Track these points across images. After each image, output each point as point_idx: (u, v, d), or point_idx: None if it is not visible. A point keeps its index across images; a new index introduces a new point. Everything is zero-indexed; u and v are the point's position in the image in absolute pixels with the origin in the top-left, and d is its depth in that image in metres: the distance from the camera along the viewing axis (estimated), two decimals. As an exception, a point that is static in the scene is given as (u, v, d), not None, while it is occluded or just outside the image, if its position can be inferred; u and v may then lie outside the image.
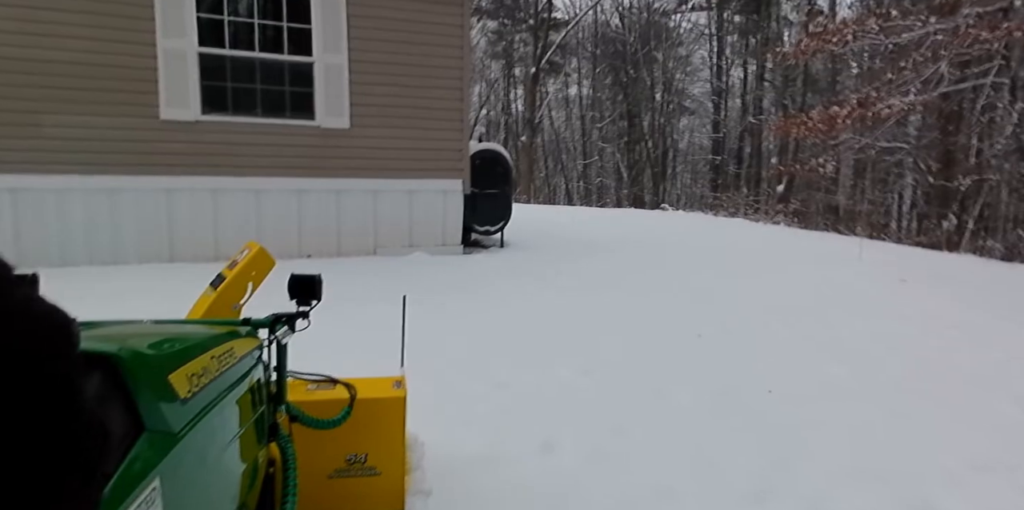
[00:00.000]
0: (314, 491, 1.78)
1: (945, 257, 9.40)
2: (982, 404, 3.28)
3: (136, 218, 6.58)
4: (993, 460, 2.64)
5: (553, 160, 36.63)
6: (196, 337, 1.27)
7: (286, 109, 7.07)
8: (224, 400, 1.21)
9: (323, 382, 1.91)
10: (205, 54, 6.64)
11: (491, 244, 9.01)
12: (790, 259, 8.42)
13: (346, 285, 5.16)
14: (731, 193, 22.75)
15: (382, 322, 2.92)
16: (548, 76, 33.63)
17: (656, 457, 2.58)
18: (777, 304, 5.54)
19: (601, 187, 34.86)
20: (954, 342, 4.47)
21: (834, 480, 2.43)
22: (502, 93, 35.87)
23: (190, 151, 6.70)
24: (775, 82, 27.63)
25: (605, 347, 4.10)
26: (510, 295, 5.60)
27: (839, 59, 19.21)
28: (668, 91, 31.91)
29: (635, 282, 6.45)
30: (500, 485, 2.31)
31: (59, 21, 6.13)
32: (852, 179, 19.36)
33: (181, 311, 1.84)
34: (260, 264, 1.87)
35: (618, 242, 9.75)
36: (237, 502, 1.30)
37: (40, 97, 6.17)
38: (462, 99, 7.85)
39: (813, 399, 3.28)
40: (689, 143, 35.03)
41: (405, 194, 7.66)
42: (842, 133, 13.11)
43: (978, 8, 10.17)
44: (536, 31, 31.38)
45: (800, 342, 4.37)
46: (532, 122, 31.89)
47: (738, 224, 14.81)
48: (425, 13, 7.44)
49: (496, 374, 3.50)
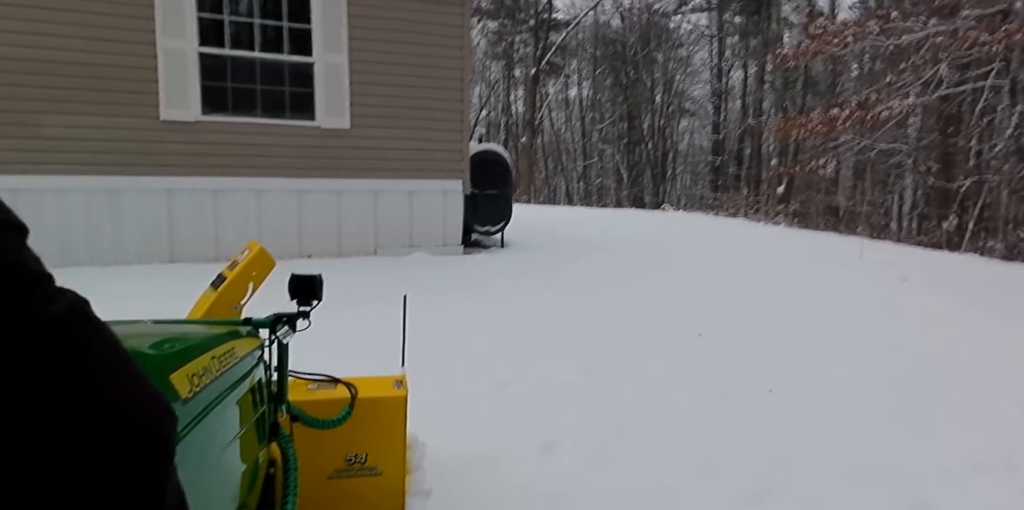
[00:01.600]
0: (314, 491, 1.77)
1: (946, 257, 9.40)
2: (982, 404, 3.28)
3: (136, 218, 6.58)
4: (993, 460, 2.64)
5: (553, 161, 36.65)
6: (197, 337, 1.27)
7: (286, 109, 7.07)
8: (225, 400, 1.21)
9: (324, 382, 1.91)
10: (205, 54, 6.64)
11: (491, 244, 9.01)
12: (790, 259, 8.42)
13: (346, 285, 5.16)
14: (731, 194, 22.76)
15: (382, 322, 2.92)
16: (548, 77, 33.68)
17: (656, 457, 2.58)
18: (778, 304, 5.54)
19: (601, 188, 34.88)
20: (954, 342, 4.46)
21: (834, 480, 2.43)
22: (502, 94, 35.92)
23: (190, 151, 6.70)
24: (775, 84, 27.67)
25: (605, 347, 4.10)
26: (511, 295, 5.60)
27: (839, 61, 19.23)
28: (668, 92, 31.95)
29: (635, 282, 6.46)
30: (500, 485, 2.30)
31: (59, 21, 6.13)
32: (852, 180, 19.38)
33: (181, 311, 1.84)
34: (261, 264, 1.87)
35: (618, 242, 9.75)
36: (237, 502, 1.30)
37: (40, 97, 6.17)
38: (462, 100, 7.85)
39: (813, 399, 3.28)
40: (689, 144, 35.08)
41: (405, 194, 7.66)
42: (842, 135, 13.13)
43: (978, 10, 10.18)
44: (536, 32, 31.43)
45: (800, 342, 4.37)
46: (532, 123, 31.92)
47: (738, 225, 14.81)
48: (426, 13, 7.45)
49: (496, 374, 3.50)
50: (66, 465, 0.46)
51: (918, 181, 15.62)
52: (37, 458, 0.44)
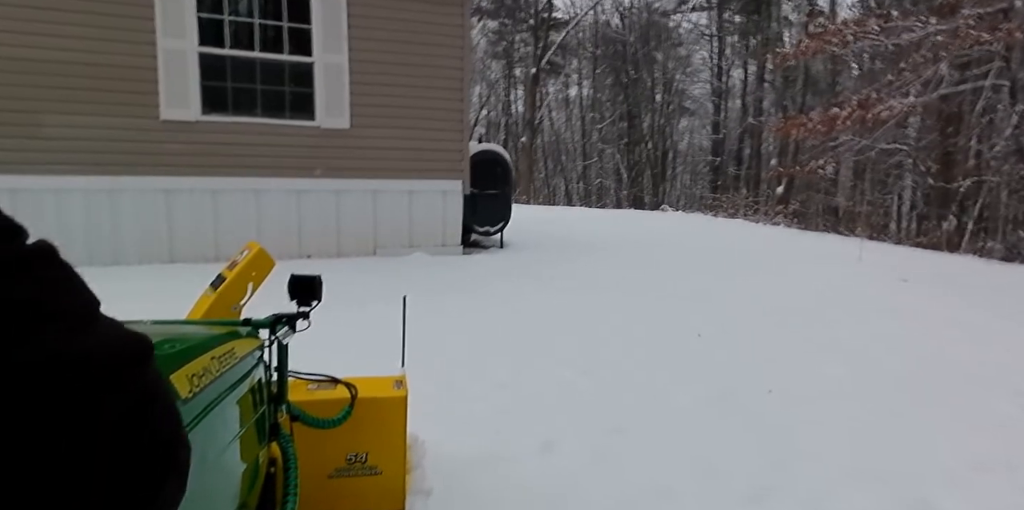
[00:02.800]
0: (314, 491, 1.78)
1: (945, 258, 9.41)
2: (982, 404, 3.28)
3: (136, 218, 6.58)
4: (993, 460, 2.64)
5: (553, 161, 36.64)
6: (196, 338, 1.27)
7: (286, 109, 7.07)
8: (225, 400, 1.21)
9: (324, 382, 1.91)
10: (205, 54, 6.64)
11: (491, 244, 9.01)
12: (790, 260, 8.42)
13: (346, 285, 5.16)
14: (731, 194, 22.75)
15: (382, 322, 2.93)
16: (548, 77, 33.65)
17: (656, 457, 2.58)
18: (777, 304, 5.54)
19: (601, 188, 34.87)
20: (954, 342, 4.47)
21: (834, 480, 2.43)
22: (502, 94, 35.88)
23: (190, 151, 6.70)
24: (775, 83, 27.66)
25: (605, 347, 4.10)
26: (510, 295, 5.60)
27: (839, 60, 19.22)
28: (668, 92, 31.94)
29: (635, 282, 6.46)
30: (500, 485, 2.31)
31: (59, 21, 6.13)
32: (852, 180, 19.38)
33: (181, 312, 1.84)
34: (260, 264, 1.87)
35: (618, 242, 9.76)
36: (238, 502, 1.30)
37: (40, 97, 6.17)
38: (462, 99, 7.85)
39: (813, 399, 3.28)
40: (689, 144, 35.08)
41: (405, 194, 7.66)
42: (842, 134, 13.13)
43: (978, 9, 10.18)
44: (536, 31, 31.41)
45: (800, 342, 4.37)
46: (532, 123, 31.89)
47: (738, 225, 14.81)
48: (425, 13, 7.45)
49: (496, 374, 3.50)
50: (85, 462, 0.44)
51: (918, 181, 15.63)
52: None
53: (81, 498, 0.43)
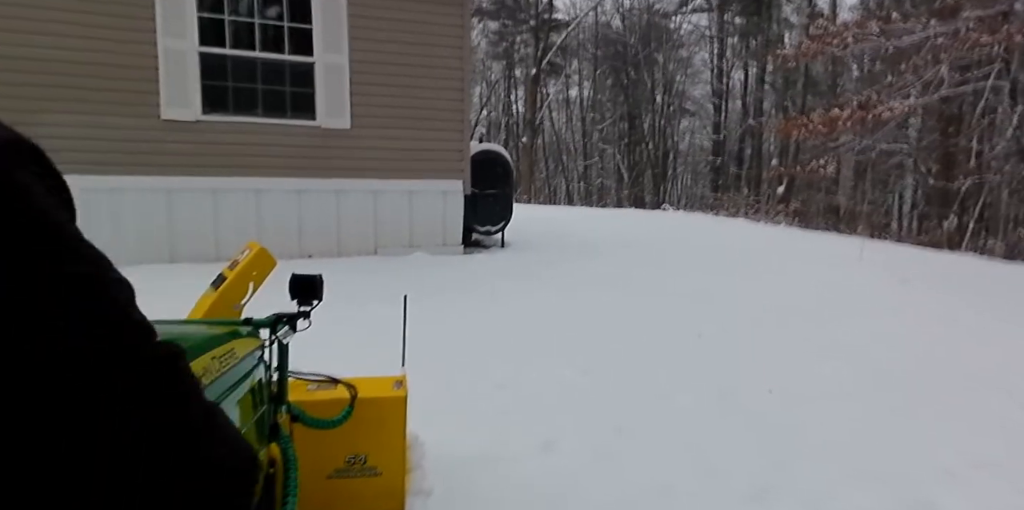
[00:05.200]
0: (314, 491, 1.77)
1: (946, 257, 9.40)
2: (982, 404, 3.28)
3: (136, 218, 6.58)
4: (993, 460, 2.64)
5: (554, 161, 36.63)
6: (197, 337, 1.27)
7: (287, 109, 7.07)
8: (225, 400, 1.21)
9: (324, 382, 1.91)
10: (206, 54, 6.64)
11: (492, 244, 9.01)
12: (791, 259, 8.42)
13: (347, 285, 5.16)
14: (732, 194, 22.75)
15: (382, 322, 2.92)
16: (549, 77, 33.64)
17: (656, 457, 2.58)
18: (778, 304, 5.54)
19: (602, 188, 34.86)
20: (955, 342, 4.47)
21: (834, 480, 2.43)
22: (503, 94, 35.90)
23: (191, 151, 6.70)
24: (776, 84, 27.67)
25: (605, 347, 4.10)
26: (511, 295, 5.60)
27: (840, 62, 19.22)
28: (669, 93, 31.93)
29: (636, 282, 6.45)
30: (500, 485, 2.31)
31: (59, 20, 6.13)
32: (853, 180, 19.38)
33: (182, 311, 1.84)
34: (261, 264, 1.87)
35: (619, 242, 9.75)
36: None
37: (40, 97, 6.17)
38: (463, 100, 7.85)
39: (813, 399, 3.28)
40: (690, 144, 35.07)
41: (406, 194, 7.66)
42: (843, 135, 13.13)
43: (978, 11, 10.18)
44: (537, 32, 31.39)
45: (800, 342, 4.37)
46: (533, 123, 31.88)
47: (739, 225, 14.80)
48: (426, 13, 7.45)
49: (496, 374, 3.50)
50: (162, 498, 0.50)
51: (919, 181, 15.63)
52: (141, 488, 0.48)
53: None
